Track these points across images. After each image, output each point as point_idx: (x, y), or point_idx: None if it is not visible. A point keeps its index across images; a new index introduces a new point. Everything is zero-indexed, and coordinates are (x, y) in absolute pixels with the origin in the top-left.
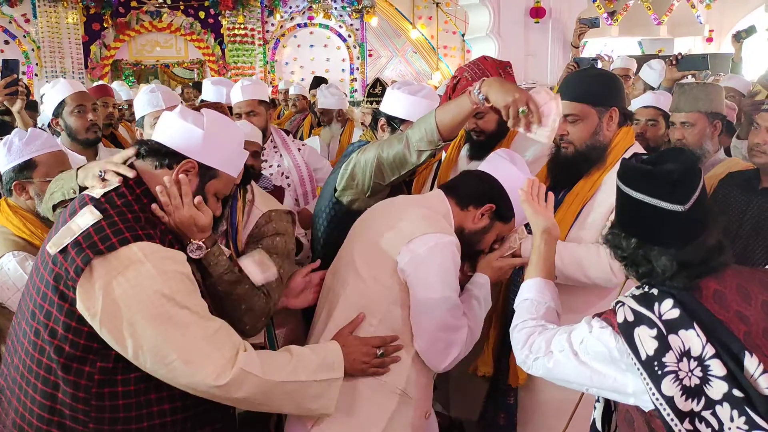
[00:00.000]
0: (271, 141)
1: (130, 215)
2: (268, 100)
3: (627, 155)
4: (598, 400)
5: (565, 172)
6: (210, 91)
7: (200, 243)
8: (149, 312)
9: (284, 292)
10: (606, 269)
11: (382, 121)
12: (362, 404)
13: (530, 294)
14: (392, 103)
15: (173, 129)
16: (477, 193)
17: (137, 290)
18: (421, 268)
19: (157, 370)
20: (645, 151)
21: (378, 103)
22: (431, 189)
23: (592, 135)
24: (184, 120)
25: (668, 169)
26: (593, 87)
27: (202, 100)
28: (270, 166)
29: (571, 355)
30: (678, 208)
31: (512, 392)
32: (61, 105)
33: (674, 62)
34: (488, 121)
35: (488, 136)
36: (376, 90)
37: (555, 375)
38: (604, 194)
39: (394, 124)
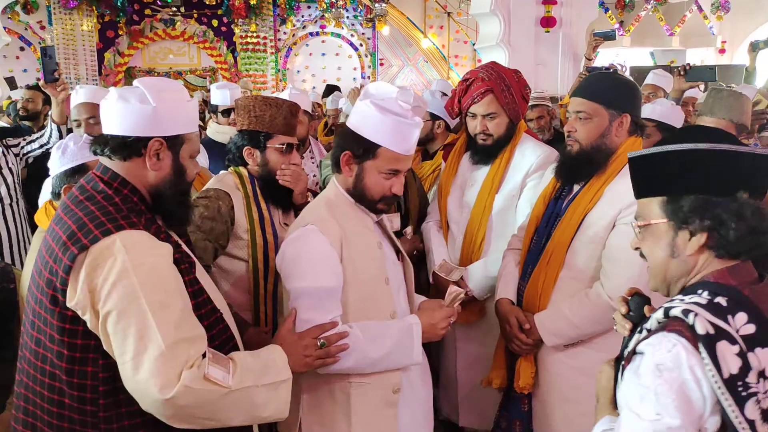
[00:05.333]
0: (310, 151)
1: (111, 207)
2: (311, 110)
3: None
4: None
5: (569, 170)
6: (217, 95)
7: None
8: (118, 307)
9: None
10: (603, 304)
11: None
12: (330, 416)
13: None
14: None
15: (122, 115)
16: (335, 152)
17: (109, 282)
18: (282, 262)
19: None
20: None
21: None
22: (431, 198)
23: (599, 136)
24: (128, 102)
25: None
26: (609, 89)
27: (212, 104)
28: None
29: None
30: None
31: (526, 399)
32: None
33: (682, 73)
34: (499, 124)
35: (495, 140)
36: None
37: None
38: (605, 205)
39: None
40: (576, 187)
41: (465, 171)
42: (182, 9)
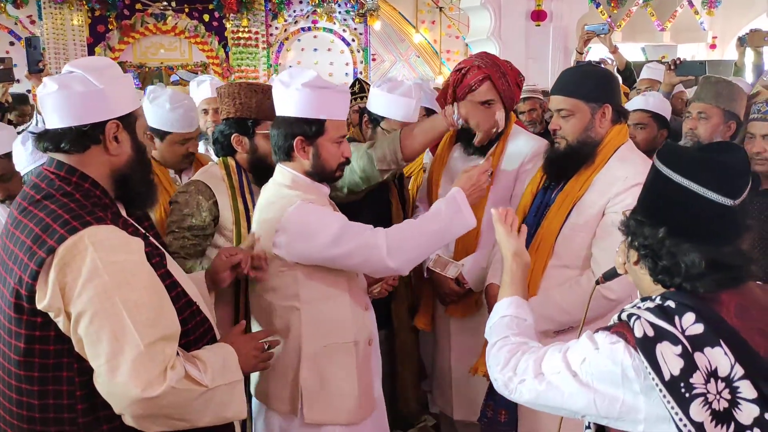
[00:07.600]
0: None
1: (73, 204)
2: None
3: (619, 153)
4: (588, 427)
5: (558, 167)
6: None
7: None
8: (90, 308)
9: None
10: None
11: (365, 118)
12: (331, 374)
13: (508, 311)
14: (373, 101)
15: (70, 104)
16: (282, 141)
17: (79, 282)
18: (290, 239)
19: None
20: (639, 150)
21: (357, 100)
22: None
23: (584, 131)
24: (72, 89)
25: (724, 160)
26: (586, 83)
27: None
28: None
29: (569, 376)
30: (728, 201)
31: None
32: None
33: (672, 67)
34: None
35: None
36: (355, 89)
37: (546, 400)
38: (594, 194)
39: (376, 119)
40: None
41: (456, 163)
42: (173, 4)
